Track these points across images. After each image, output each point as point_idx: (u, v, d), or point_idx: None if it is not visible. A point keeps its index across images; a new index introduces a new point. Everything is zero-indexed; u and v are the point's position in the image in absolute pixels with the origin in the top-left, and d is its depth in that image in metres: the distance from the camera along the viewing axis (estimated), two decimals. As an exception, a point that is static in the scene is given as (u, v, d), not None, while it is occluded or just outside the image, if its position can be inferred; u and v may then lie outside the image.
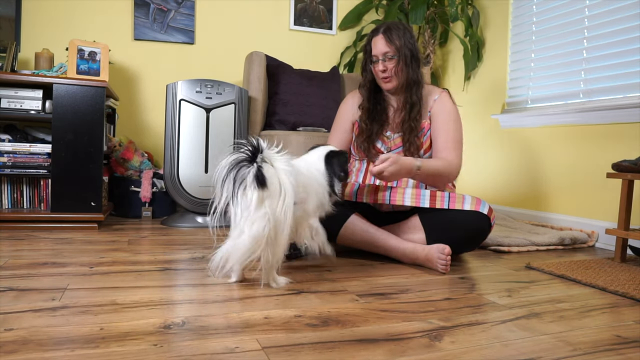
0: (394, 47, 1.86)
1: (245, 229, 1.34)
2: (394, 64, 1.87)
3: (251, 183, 1.32)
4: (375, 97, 1.99)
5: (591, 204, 2.49)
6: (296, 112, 2.95)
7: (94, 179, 2.35)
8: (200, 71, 3.19)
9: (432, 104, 1.94)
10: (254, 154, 1.35)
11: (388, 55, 1.87)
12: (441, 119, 1.91)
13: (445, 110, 1.92)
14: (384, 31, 1.88)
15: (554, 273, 1.74)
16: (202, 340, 1.02)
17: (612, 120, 2.38)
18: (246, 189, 1.33)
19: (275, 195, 1.34)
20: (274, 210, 1.34)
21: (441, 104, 1.93)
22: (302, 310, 1.24)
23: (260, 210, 1.33)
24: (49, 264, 1.61)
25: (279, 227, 1.35)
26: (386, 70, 1.88)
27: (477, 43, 3.23)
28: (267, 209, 1.33)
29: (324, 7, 3.51)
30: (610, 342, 1.10)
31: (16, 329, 1.04)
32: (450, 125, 1.90)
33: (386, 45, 1.86)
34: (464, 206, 1.76)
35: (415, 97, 1.89)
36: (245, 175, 1.33)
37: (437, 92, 1.97)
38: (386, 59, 1.87)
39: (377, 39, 1.89)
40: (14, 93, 2.33)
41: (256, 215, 1.33)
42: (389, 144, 1.97)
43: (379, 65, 1.88)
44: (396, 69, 1.87)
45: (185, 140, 2.57)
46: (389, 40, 1.86)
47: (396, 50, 1.86)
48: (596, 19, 2.51)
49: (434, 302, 1.35)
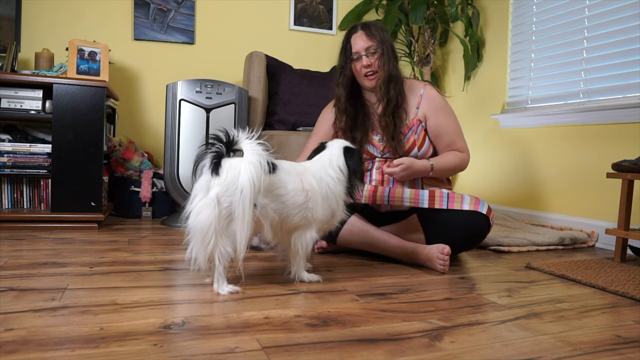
0: (376, 40, 1.82)
1: (190, 217, 1.30)
2: (377, 58, 1.83)
3: (206, 170, 1.29)
4: (356, 102, 1.93)
5: (591, 204, 2.49)
6: (296, 112, 2.95)
7: (94, 179, 2.35)
8: (200, 71, 3.19)
9: (418, 99, 1.90)
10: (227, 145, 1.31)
11: (371, 49, 1.82)
12: (439, 114, 1.89)
13: (438, 105, 1.90)
14: (362, 27, 1.85)
15: (554, 273, 1.74)
16: (202, 340, 1.02)
17: (612, 120, 2.38)
18: (201, 176, 1.31)
19: (229, 186, 1.26)
20: (226, 201, 1.27)
21: (431, 100, 1.90)
22: (302, 310, 1.24)
23: (206, 199, 1.28)
24: (49, 264, 1.61)
25: (235, 221, 1.27)
26: (370, 65, 1.83)
27: (477, 43, 3.23)
28: (213, 197, 1.27)
29: (324, 7, 3.51)
30: (610, 342, 1.10)
31: (16, 329, 1.04)
32: (449, 119, 1.91)
33: (368, 40, 1.83)
34: (463, 206, 1.76)
35: (393, 92, 1.84)
36: (204, 163, 1.30)
37: (419, 86, 1.93)
38: (369, 53, 1.82)
39: (356, 35, 1.85)
40: (14, 93, 2.33)
41: (202, 204, 1.28)
42: (381, 147, 1.91)
43: (363, 60, 1.82)
44: (380, 63, 1.83)
45: (185, 140, 2.57)
46: (370, 35, 1.83)
47: (379, 43, 1.82)
48: (596, 19, 2.51)
49: (434, 302, 1.35)
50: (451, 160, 1.87)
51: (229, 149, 1.32)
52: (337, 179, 1.50)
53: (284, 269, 1.54)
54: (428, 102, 1.90)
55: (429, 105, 1.89)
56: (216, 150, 1.31)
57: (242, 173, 1.26)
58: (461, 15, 3.26)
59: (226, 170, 1.28)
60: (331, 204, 1.49)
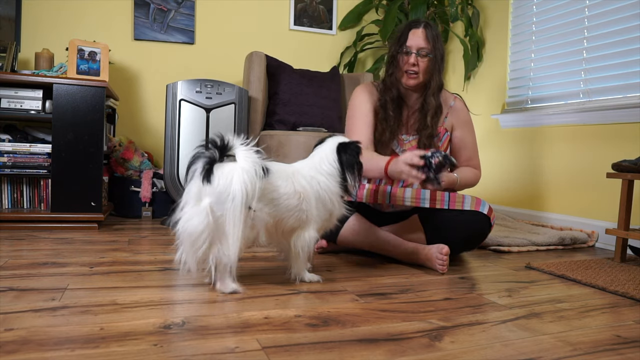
0: (431, 45, 1.81)
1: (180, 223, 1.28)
2: (425, 62, 1.82)
3: (197, 176, 1.27)
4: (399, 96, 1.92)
5: (591, 204, 2.49)
6: (296, 112, 2.95)
7: (94, 179, 2.35)
8: (200, 71, 3.19)
9: (447, 110, 1.94)
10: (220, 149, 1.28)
11: (423, 51, 1.81)
12: (464, 129, 1.95)
13: (465, 119, 1.96)
14: (425, 26, 1.83)
15: (554, 273, 1.74)
16: (202, 340, 1.02)
17: (612, 120, 2.38)
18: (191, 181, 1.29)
19: (221, 194, 1.24)
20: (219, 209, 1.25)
21: (459, 112, 1.95)
22: (302, 310, 1.24)
23: (199, 206, 1.26)
24: (49, 264, 1.61)
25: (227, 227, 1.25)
26: (416, 65, 1.81)
27: (477, 43, 3.23)
28: (206, 206, 1.25)
29: (324, 7, 3.51)
30: (610, 342, 1.10)
31: (16, 329, 1.03)
32: (471, 135, 1.98)
33: (425, 40, 1.80)
34: (464, 206, 1.76)
35: (439, 101, 1.87)
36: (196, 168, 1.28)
37: (450, 97, 1.97)
38: (420, 54, 1.81)
39: (417, 31, 1.82)
40: (14, 93, 2.33)
41: (194, 211, 1.27)
42: (405, 146, 1.92)
43: (412, 57, 1.81)
44: (425, 67, 1.82)
45: (185, 140, 2.57)
46: (428, 37, 1.81)
47: (432, 49, 1.82)
48: (596, 19, 2.51)
49: (434, 302, 1.35)
50: (470, 176, 1.92)
51: (222, 154, 1.29)
52: (330, 176, 1.46)
53: (284, 268, 1.54)
54: (456, 114, 1.95)
55: (457, 117, 1.95)
56: (208, 156, 1.28)
57: (234, 181, 1.24)
58: (461, 15, 3.26)
59: (218, 178, 1.25)
60: (326, 204, 1.46)
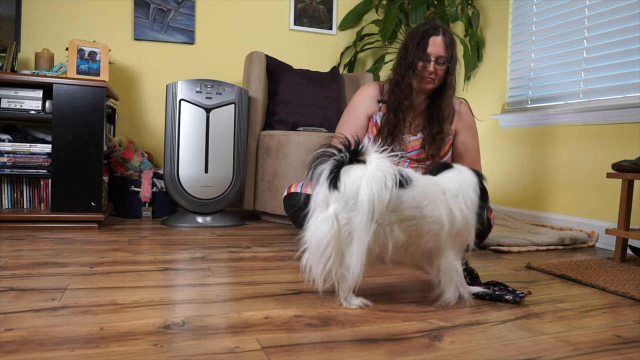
0: (449, 54, 1.83)
1: (308, 233, 1.21)
2: (443, 70, 1.84)
3: (323, 181, 1.19)
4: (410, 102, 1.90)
5: (591, 204, 2.49)
6: (296, 112, 2.95)
7: (94, 179, 2.35)
8: (200, 71, 3.19)
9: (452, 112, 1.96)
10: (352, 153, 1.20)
11: (441, 59, 1.82)
12: (468, 133, 1.97)
13: (469, 124, 1.98)
14: (444, 33, 1.82)
15: (554, 273, 1.74)
16: (202, 340, 1.02)
17: (612, 120, 2.38)
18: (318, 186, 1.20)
19: (348, 200, 1.16)
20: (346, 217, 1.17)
21: (464, 117, 1.96)
22: (302, 310, 1.24)
23: (324, 213, 1.19)
24: (49, 264, 1.61)
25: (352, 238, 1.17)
26: (434, 73, 1.83)
27: (477, 43, 3.23)
28: (332, 214, 1.17)
29: (324, 7, 3.51)
30: (610, 342, 1.10)
31: (16, 329, 1.03)
32: (475, 140, 2.00)
33: (445, 49, 1.81)
34: (464, 206, 1.76)
35: (452, 106, 1.89)
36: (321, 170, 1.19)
37: (456, 101, 1.98)
38: (439, 62, 1.82)
39: (438, 38, 1.81)
40: (14, 93, 2.33)
41: (319, 219, 1.19)
42: (404, 146, 1.92)
43: (431, 66, 1.81)
44: (443, 74, 1.85)
45: (185, 140, 2.57)
46: (448, 45, 1.82)
47: (450, 58, 1.83)
48: (596, 19, 2.51)
49: (434, 302, 1.35)
50: None
51: (352, 158, 1.20)
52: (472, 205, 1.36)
53: (284, 268, 1.54)
54: (461, 119, 1.96)
55: (461, 121, 1.96)
56: (337, 160, 1.19)
57: (361, 190, 1.15)
58: (461, 15, 3.26)
59: (344, 184, 1.17)
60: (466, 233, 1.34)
